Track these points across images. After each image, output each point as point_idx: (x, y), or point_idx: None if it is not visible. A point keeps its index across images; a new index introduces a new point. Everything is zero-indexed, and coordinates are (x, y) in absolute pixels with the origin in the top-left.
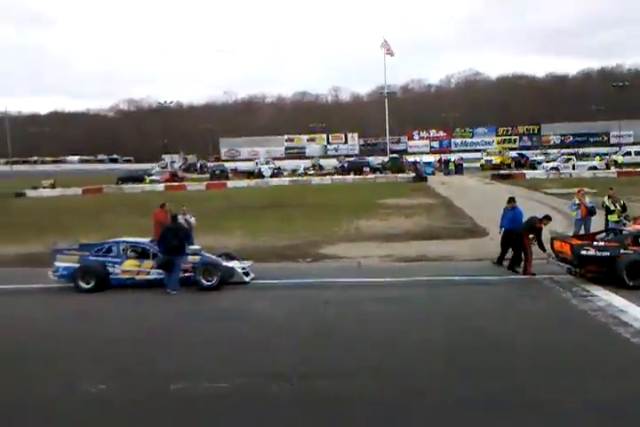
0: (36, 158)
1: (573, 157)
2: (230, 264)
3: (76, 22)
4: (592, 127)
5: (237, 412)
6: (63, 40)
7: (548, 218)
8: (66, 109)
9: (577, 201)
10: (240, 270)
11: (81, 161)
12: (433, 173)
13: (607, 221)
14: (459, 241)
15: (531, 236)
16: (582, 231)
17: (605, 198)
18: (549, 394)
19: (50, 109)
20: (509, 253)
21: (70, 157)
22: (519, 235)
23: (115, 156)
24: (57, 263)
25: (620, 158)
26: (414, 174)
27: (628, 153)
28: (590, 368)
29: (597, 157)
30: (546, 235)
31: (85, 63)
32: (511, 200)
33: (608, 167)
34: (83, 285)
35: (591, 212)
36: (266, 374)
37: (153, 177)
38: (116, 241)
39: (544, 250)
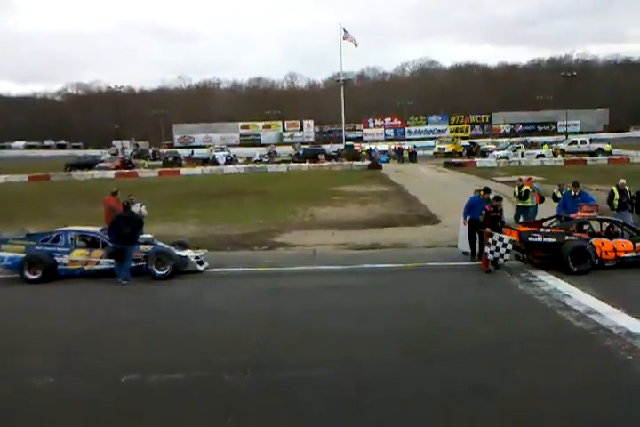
0: None
1: (522, 145)
2: (184, 253)
3: (26, 2)
4: (540, 116)
5: (190, 402)
6: (8, 21)
7: (498, 199)
8: (11, 93)
9: (530, 189)
10: (194, 259)
11: (27, 147)
12: (387, 161)
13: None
14: (412, 228)
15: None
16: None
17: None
18: (498, 379)
19: None
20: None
21: (15, 143)
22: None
23: (62, 141)
24: (2, 253)
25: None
26: (369, 162)
27: (574, 142)
28: (536, 352)
29: (545, 146)
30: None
31: (32, 45)
32: (487, 191)
33: (555, 156)
34: (29, 275)
35: (541, 199)
36: (221, 364)
37: (102, 164)
38: (63, 230)
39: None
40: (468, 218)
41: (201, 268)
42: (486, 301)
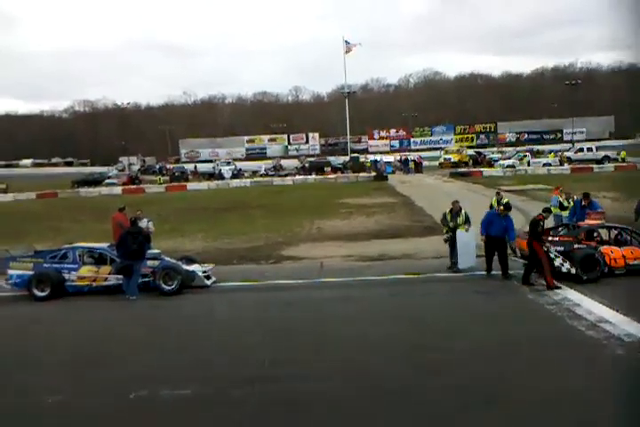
0: None
1: (528, 154)
2: (191, 268)
3: (32, 22)
4: (546, 125)
5: (199, 418)
6: (15, 39)
7: (547, 211)
8: (19, 111)
9: (559, 198)
10: (201, 274)
11: (34, 164)
12: (393, 172)
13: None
14: (419, 239)
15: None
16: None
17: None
18: (509, 387)
19: (1, 112)
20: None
21: (23, 161)
22: (530, 245)
23: (70, 159)
24: (10, 271)
25: None
26: (375, 173)
27: (581, 150)
28: (547, 360)
29: (551, 154)
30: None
31: (39, 63)
32: (507, 207)
33: (562, 164)
34: (37, 293)
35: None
36: (229, 378)
37: (109, 180)
38: (71, 247)
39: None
40: (485, 234)
41: (208, 282)
42: (496, 310)
